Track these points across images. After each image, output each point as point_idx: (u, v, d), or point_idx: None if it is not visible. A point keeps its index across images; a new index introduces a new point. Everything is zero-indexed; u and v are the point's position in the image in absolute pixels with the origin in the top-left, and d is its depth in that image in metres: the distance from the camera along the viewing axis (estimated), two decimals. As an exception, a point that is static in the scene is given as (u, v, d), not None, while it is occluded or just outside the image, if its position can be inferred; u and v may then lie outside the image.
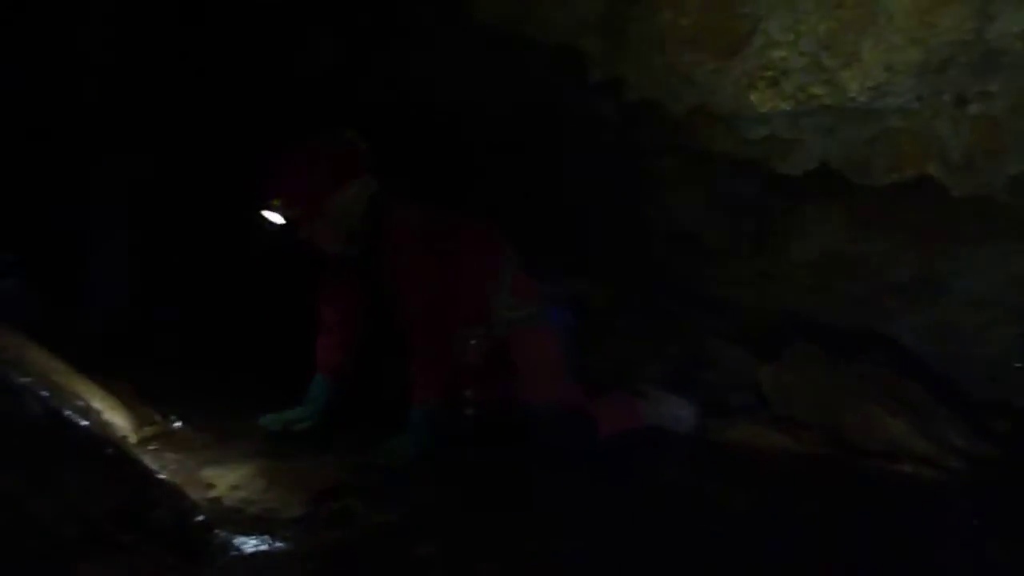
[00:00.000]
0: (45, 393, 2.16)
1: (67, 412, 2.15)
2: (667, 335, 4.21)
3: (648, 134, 3.68)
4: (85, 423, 2.01)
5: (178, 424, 2.95)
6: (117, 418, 2.67)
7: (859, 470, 3.07)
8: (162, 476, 2.03)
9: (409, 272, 2.98)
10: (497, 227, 3.36)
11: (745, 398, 3.70)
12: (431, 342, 2.98)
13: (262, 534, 2.29)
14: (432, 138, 4.48)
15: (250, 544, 2.23)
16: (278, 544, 2.25)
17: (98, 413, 2.53)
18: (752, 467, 3.08)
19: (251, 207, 2.91)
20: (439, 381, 2.98)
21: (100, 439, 1.72)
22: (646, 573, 2.24)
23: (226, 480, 2.60)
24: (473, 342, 3.19)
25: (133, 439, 2.63)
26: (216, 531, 2.22)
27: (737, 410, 3.59)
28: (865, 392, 3.28)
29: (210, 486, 2.54)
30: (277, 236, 2.94)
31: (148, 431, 2.77)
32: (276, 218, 2.89)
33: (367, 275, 3.13)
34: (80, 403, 2.46)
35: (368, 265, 3.09)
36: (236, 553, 2.16)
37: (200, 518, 2.16)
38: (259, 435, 3.02)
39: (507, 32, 3.11)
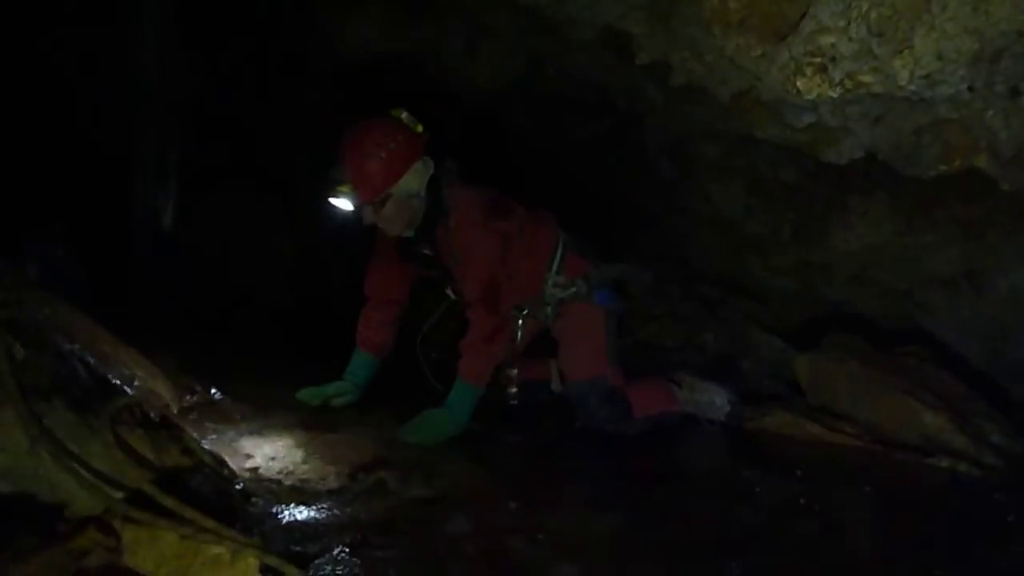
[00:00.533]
0: (92, 360, 2.22)
1: (113, 379, 2.20)
2: (705, 322, 4.19)
3: (692, 119, 3.66)
4: (130, 391, 2.05)
5: (218, 396, 2.99)
6: (159, 387, 2.72)
7: (894, 463, 3.05)
8: (202, 445, 2.06)
9: (473, 250, 3.02)
10: (546, 208, 3.40)
11: (781, 387, 3.68)
12: (490, 319, 3.02)
13: (299, 505, 2.33)
14: (475, 123, 4.51)
15: (287, 514, 2.27)
16: (314, 515, 2.29)
17: (142, 381, 2.57)
18: (786, 456, 3.07)
19: (321, 192, 2.95)
20: (491, 360, 3.03)
21: (144, 406, 1.75)
22: (677, 555, 2.25)
23: (264, 451, 2.64)
24: (520, 321, 3.25)
25: (174, 408, 2.68)
26: (254, 500, 2.28)
27: (773, 399, 3.57)
28: (902, 385, 3.24)
29: (248, 456, 2.59)
30: (342, 218, 2.99)
31: (189, 401, 2.82)
32: (345, 204, 2.92)
33: (419, 255, 3.17)
34: (125, 371, 2.51)
35: (426, 245, 3.12)
36: (274, 522, 2.20)
37: (239, 487, 2.20)
38: (297, 408, 3.05)
39: (552, 15, 3.10)
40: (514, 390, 3.24)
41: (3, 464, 1.49)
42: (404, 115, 2.99)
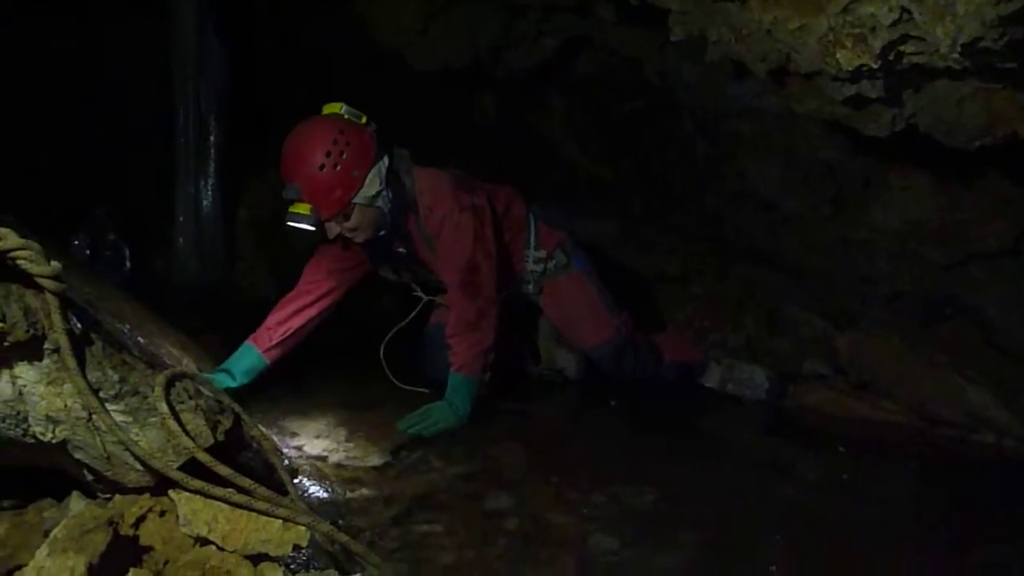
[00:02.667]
0: (142, 339, 2.28)
1: (163, 357, 2.26)
2: (743, 302, 4.17)
3: (728, 96, 3.64)
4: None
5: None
6: (205, 367, 2.78)
7: (938, 439, 3.04)
8: (253, 421, 2.10)
9: (448, 232, 2.86)
10: (511, 183, 3.28)
11: (822, 366, 3.66)
12: (473, 304, 2.86)
13: (344, 480, 2.38)
14: (511, 104, 4.53)
15: (333, 489, 2.31)
16: (361, 490, 2.33)
17: (189, 361, 2.63)
18: (827, 433, 3.06)
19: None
20: (480, 346, 2.85)
21: (195, 380, 1.80)
22: (716, 529, 2.26)
23: (309, 429, 2.70)
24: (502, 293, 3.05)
25: (220, 389, 2.74)
26: (301, 476, 2.33)
27: (814, 377, 3.56)
28: (945, 361, 3.22)
29: (294, 435, 2.65)
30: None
31: (234, 382, 2.87)
32: (305, 226, 2.70)
33: (393, 255, 3.02)
34: (174, 351, 2.57)
35: (399, 243, 2.95)
36: (320, 497, 2.25)
37: (286, 463, 2.24)
38: (339, 389, 3.09)
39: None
40: (487, 375, 3.01)
41: (61, 436, 1.53)
42: (343, 109, 2.75)
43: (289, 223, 2.70)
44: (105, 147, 3.64)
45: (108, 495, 1.64)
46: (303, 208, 2.64)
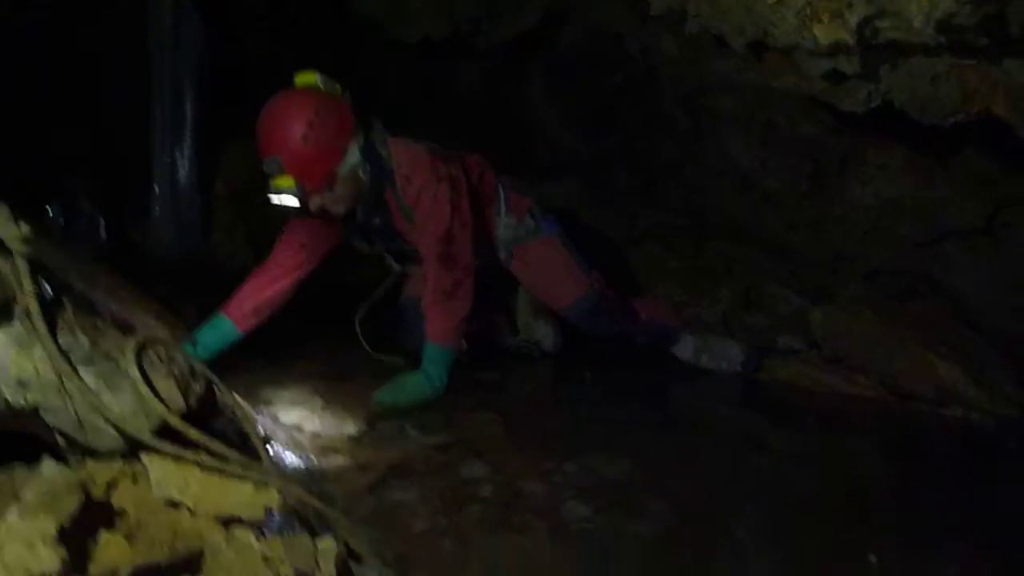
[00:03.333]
0: (115, 307, 2.27)
1: (137, 325, 2.25)
2: (721, 277, 4.20)
3: (708, 72, 3.65)
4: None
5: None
6: (180, 336, 2.77)
7: (908, 412, 3.08)
8: (226, 388, 2.10)
9: (426, 202, 2.83)
10: (486, 155, 3.26)
11: (797, 341, 3.70)
12: (449, 274, 2.84)
13: (319, 449, 2.39)
14: (493, 78, 4.51)
15: (308, 458, 2.32)
16: (335, 459, 2.34)
17: (163, 330, 2.63)
18: (800, 407, 3.10)
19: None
20: (456, 316, 2.84)
21: (168, 347, 1.79)
22: (687, 498, 2.29)
23: (284, 399, 2.70)
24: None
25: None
26: (275, 444, 2.33)
27: (789, 352, 3.60)
28: (917, 337, 3.26)
29: (269, 404, 2.65)
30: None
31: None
32: (290, 200, 2.63)
33: (371, 228, 2.99)
34: (148, 319, 2.57)
35: (377, 214, 2.92)
36: (296, 466, 2.25)
37: (260, 430, 2.25)
38: (315, 359, 3.09)
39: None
40: (464, 346, 3.04)
41: (32, 401, 1.53)
42: (317, 77, 2.68)
43: (272, 198, 2.63)
44: (79, 117, 3.60)
45: (80, 461, 1.64)
46: (286, 181, 2.58)
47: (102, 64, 3.65)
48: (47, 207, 3.42)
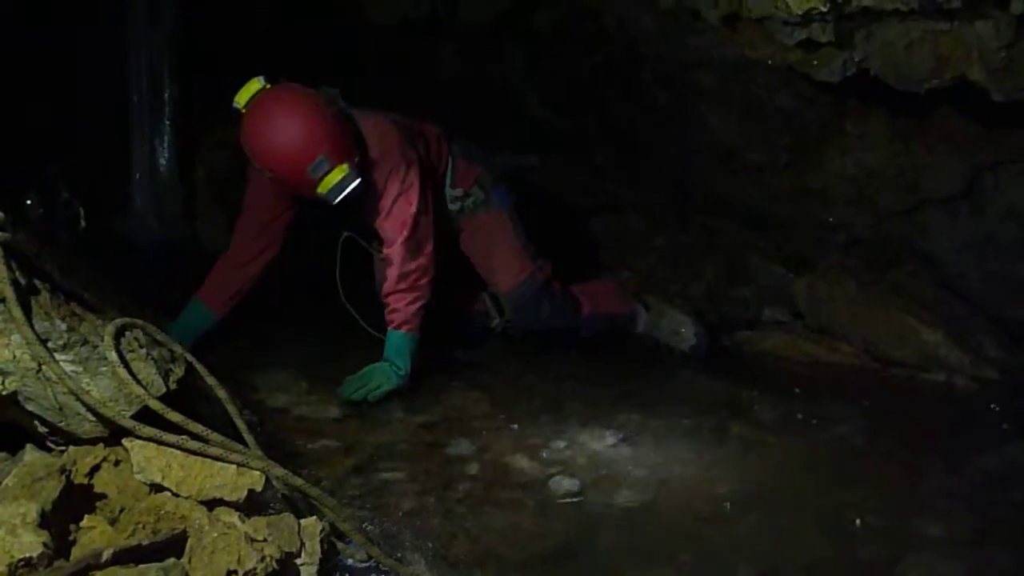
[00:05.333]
0: (95, 295, 2.26)
1: (117, 312, 2.24)
2: (704, 251, 4.21)
3: (685, 47, 3.64)
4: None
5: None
6: (161, 324, 2.76)
7: (891, 379, 3.11)
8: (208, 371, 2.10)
9: (394, 187, 2.72)
10: (432, 121, 3.09)
11: (781, 312, 3.71)
12: (413, 261, 2.74)
13: (306, 432, 2.39)
14: (469, 59, 4.49)
15: (294, 441, 2.33)
16: (322, 441, 2.35)
17: (145, 315, 2.61)
18: (784, 376, 3.12)
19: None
20: (417, 302, 2.75)
21: (151, 333, 1.79)
22: (673, 469, 2.31)
23: (269, 382, 2.70)
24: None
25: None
26: (260, 429, 2.33)
27: (773, 323, 3.61)
28: (899, 304, 3.29)
29: (254, 389, 2.64)
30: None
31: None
32: (353, 185, 2.52)
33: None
34: (128, 306, 2.55)
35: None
36: (282, 449, 2.25)
37: (246, 414, 2.25)
38: (299, 342, 3.08)
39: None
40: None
41: (12, 387, 1.53)
42: (261, 80, 2.55)
43: (340, 196, 2.50)
44: (56, 105, 3.57)
45: (62, 447, 1.64)
46: (341, 171, 2.47)
47: (78, 51, 3.62)
48: (26, 197, 3.39)
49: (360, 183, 2.55)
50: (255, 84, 2.51)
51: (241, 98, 2.50)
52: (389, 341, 2.72)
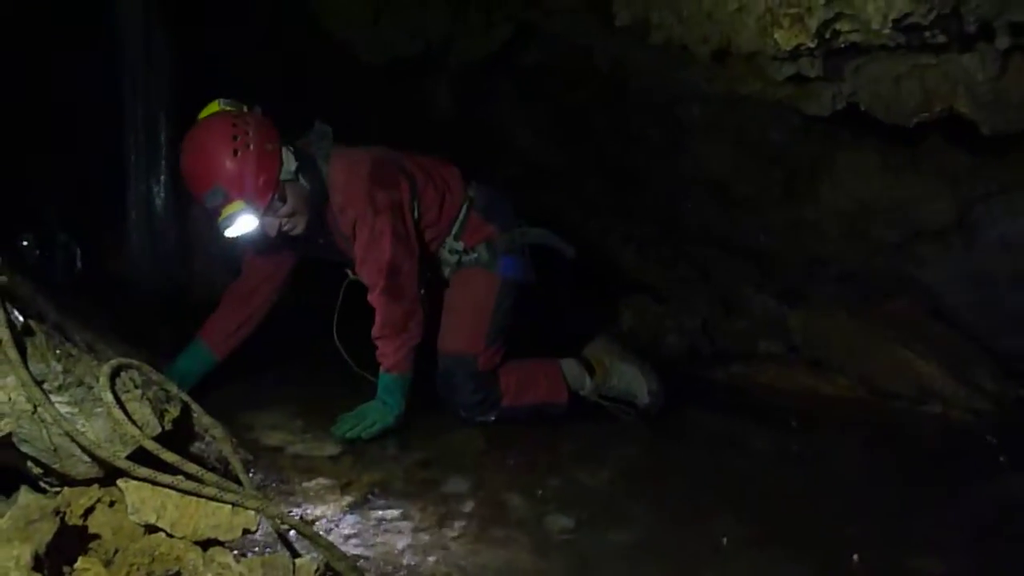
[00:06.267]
0: (89, 334, 2.27)
1: (111, 352, 2.24)
2: (697, 284, 4.23)
3: (676, 81, 3.68)
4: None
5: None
6: (158, 364, 2.76)
7: (887, 411, 3.12)
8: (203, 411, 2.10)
9: (365, 233, 2.67)
10: (455, 164, 3.03)
11: (776, 345, 3.73)
12: (398, 307, 2.68)
13: (300, 471, 2.38)
14: (464, 93, 4.53)
15: (290, 479, 2.32)
16: (317, 479, 2.34)
17: (140, 356, 2.61)
18: (780, 408, 3.12)
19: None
20: (407, 344, 2.69)
21: (146, 373, 1.79)
22: (669, 505, 2.30)
23: (264, 421, 2.70)
24: (422, 291, 2.83)
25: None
26: (256, 468, 2.33)
27: (768, 356, 3.62)
28: (894, 336, 3.31)
29: (248, 428, 2.64)
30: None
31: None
32: (248, 224, 2.53)
33: (317, 247, 2.85)
34: (124, 347, 2.55)
35: (320, 233, 2.77)
36: (276, 488, 2.25)
37: (241, 452, 2.24)
38: (293, 381, 3.08)
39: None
40: None
41: (6, 428, 1.52)
42: (222, 103, 2.58)
43: (228, 232, 2.53)
44: (53, 146, 3.59)
45: (57, 488, 1.63)
46: (236, 207, 2.47)
47: (76, 92, 3.65)
48: (21, 239, 3.40)
49: (260, 225, 2.54)
50: (213, 107, 2.57)
51: (201, 116, 2.59)
52: (381, 382, 2.71)
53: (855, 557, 2.04)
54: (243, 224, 2.52)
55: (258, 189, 2.50)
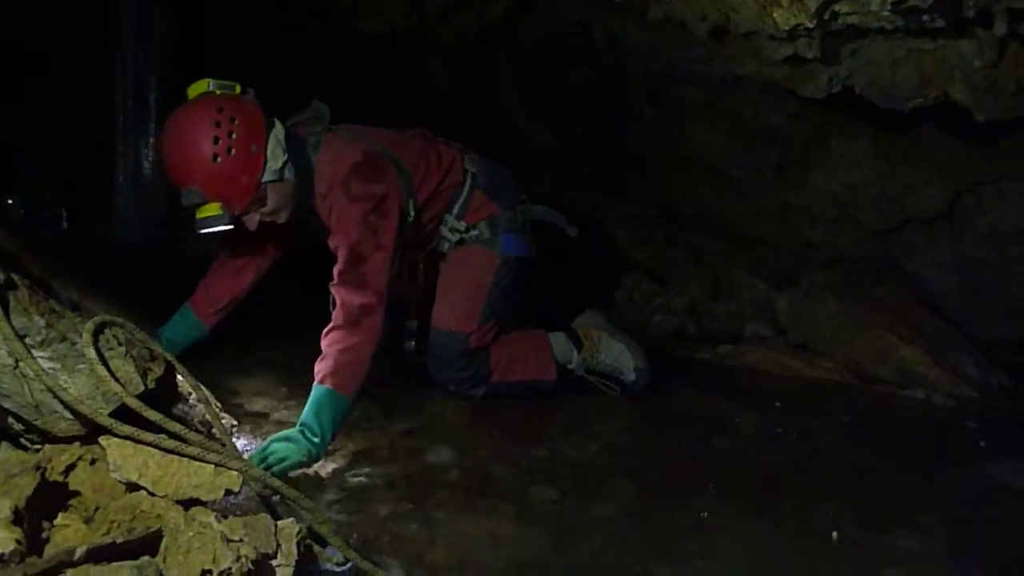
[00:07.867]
0: (75, 293, 2.25)
1: (95, 310, 2.23)
2: (688, 266, 4.24)
3: (673, 61, 3.66)
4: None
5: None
6: (144, 327, 2.74)
7: (870, 395, 3.13)
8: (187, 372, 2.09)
9: (337, 220, 2.53)
10: (457, 144, 2.95)
11: (763, 327, 3.74)
12: (356, 296, 2.41)
13: (284, 437, 2.38)
14: (459, 70, 4.50)
15: (274, 446, 2.31)
16: (300, 446, 2.33)
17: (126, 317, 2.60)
18: (765, 390, 3.13)
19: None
20: (361, 354, 2.34)
21: (130, 332, 1.78)
22: (651, 479, 2.31)
23: (250, 387, 2.69)
24: (421, 267, 2.80)
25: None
26: (240, 433, 2.32)
27: (755, 338, 3.63)
28: (880, 321, 3.32)
29: (234, 393, 2.63)
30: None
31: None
32: (222, 228, 2.42)
33: (311, 232, 2.71)
34: (109, 307, 2.53)
35: (313, 219, 2.64)
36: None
37: (225, 419, 2.24)
38: (279, 347, 3.05)
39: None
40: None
41: (-12, 384, 1.51)
42: (211, 84, 2.40)
43: (202, 231, 2.40)
44: (40, 107, 3.55)
45: (39, 445, 1.62)
46: (212, 209, 2.34)
47: (63, 52, 3.61)
48: (7, 198, 3.37)
49: (233, 228, 2.44)
50: (202, 86, 2.41)
51: (189, 92, 2.43)
52: (313, 396, 2.26)
53: (834, 534, 2.06)
54: (218, 228, 2.43)
55: (238, 196, 2.38)
